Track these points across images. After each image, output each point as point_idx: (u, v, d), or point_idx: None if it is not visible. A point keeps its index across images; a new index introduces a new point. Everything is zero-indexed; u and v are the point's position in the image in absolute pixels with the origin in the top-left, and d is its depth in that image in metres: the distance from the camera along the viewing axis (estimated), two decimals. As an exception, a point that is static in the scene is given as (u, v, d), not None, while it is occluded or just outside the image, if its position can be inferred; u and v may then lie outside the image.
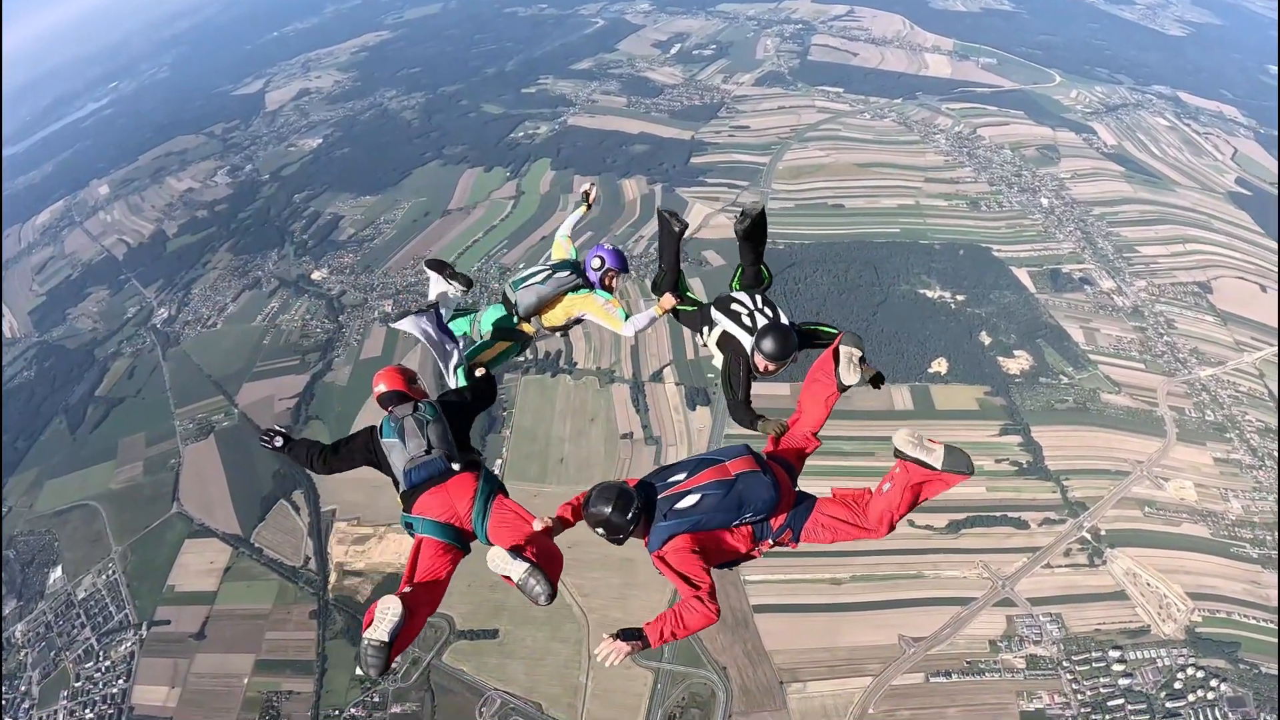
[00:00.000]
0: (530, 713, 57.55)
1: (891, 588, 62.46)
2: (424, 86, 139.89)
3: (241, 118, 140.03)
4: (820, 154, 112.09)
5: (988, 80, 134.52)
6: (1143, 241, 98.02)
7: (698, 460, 7.84)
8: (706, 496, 7.50)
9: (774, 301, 9.81)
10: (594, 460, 72.18)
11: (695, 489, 7.55)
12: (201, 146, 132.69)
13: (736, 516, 7.62)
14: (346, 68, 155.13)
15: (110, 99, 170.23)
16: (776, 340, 9.06)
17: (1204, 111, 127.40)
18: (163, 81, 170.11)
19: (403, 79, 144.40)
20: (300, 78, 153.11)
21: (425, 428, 8.45)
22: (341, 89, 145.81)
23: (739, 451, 7.95)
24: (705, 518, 7.52)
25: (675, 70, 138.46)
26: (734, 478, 7.58)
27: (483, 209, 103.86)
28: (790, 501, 7.99)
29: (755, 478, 7.63)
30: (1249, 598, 62.86)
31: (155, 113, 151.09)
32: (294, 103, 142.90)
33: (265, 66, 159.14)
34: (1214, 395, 78.73)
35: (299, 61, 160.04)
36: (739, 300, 9.87)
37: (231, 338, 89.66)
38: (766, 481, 7.65)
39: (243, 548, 68.91)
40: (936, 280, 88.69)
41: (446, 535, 8.22)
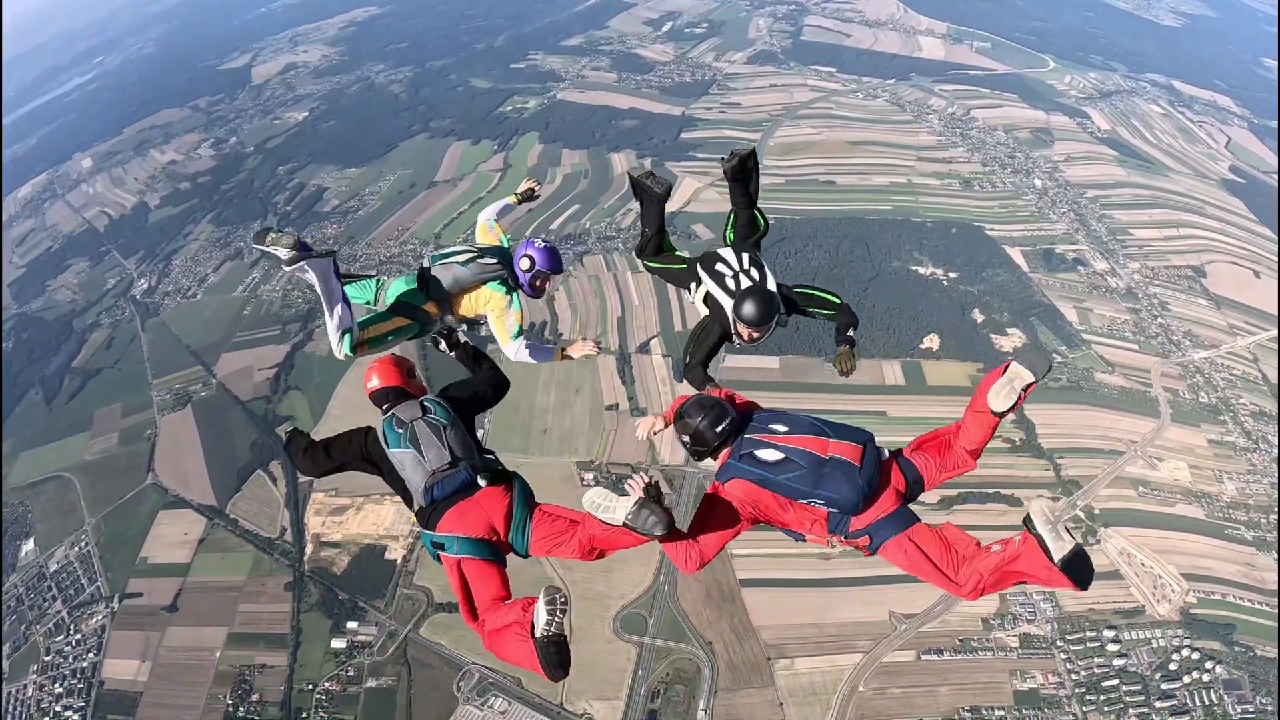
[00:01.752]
0: (509, 686, 56.45)
1: (882, 563, 59.20)
2: (412, 61, 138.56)
3: (227, 91, 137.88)
4: (812, 131, 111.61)
5: (981, 64, 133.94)
6: (1136, 225, 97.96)
7: (809, 422, 7.18)
8: (788, 461, 6.85)
9: (763, 262, 9.11)
10: (578, 431, 71.17)
11: (783, 448, 6.90)
12: (186, 120, 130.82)
13: (807, 495, 6.82)
14: (334, 42, 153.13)
15: (95, 73, 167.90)
16: (757, 305, 8.48)
17: (1198, 100, 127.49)
18: (148, 56, 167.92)
19: (390, 54, 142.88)
20: (287, 52, 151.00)
21: (443, 434, 7.37)
22: (329, 63, 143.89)
23: (858, 436, 7.07)
24: (773, 479, 6.84)
25: (666, 48, 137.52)
26: (826, 459, 6.82)
27: (469, 181, 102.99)
28: (883, 509, 6.97)
29: (847, 469, 6.77)
30: (1244, 580, 62.47)
31: (140, 87, 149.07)
32: (280, 76, 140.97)
33: (252, 41, 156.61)
34: (1208, 378, 78.65)
35: (286, 36, 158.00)
36: (725, 260, 9.16)
37: (211, 308, 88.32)
38: (856, 480, 6.75)
39: (218, 519, 67.51)
40: (928, 257, 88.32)
41: (489, 554, 7.23)
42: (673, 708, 55.53)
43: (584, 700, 55.89)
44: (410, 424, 7.32)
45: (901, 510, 7.02)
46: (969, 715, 55.01)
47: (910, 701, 55.49)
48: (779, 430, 7.03)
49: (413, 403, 7.60)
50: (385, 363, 8.13)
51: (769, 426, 7.10)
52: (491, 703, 55.93)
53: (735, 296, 8.68)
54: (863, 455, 6.84)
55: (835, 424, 7.16)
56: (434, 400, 7.66)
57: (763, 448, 6.91)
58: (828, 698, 55.32)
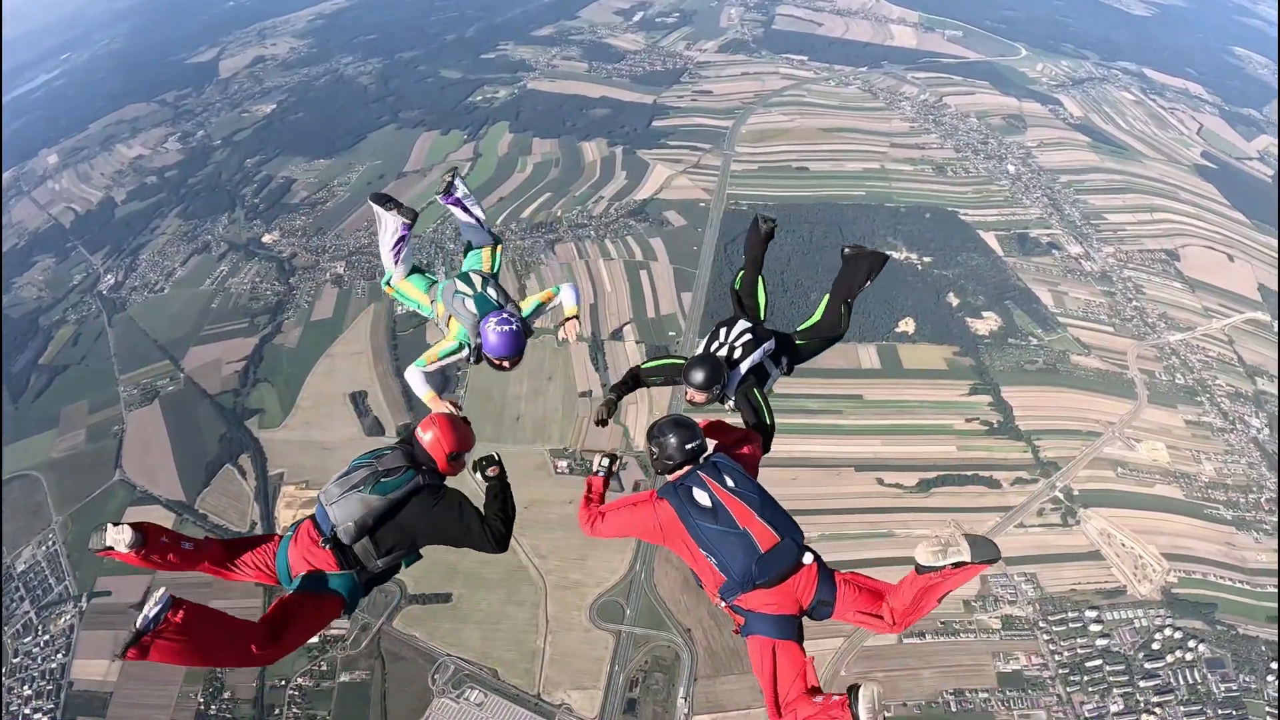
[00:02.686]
0: (485, 679, 55.84)
1: (861, 547, 60.90)
2: (381, 53, 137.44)
3: (194, 85, 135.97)
4: (784, 119, 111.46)
5: (953, 52, 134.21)
6: (1110, 209, 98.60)
7: (757, 493, 7.14)
8: (712, 512, 6.98)
9: (761, 339, 9.46)
10: (551, 418, 70.69)
11: (716, 500, 7.01)
12: (153, 114, 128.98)
13: (709, 551, 6.92)
14: (303, 34, 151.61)
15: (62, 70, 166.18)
16: (700, 371, 8.96)
17: (1169, 88, 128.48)
18: (116, 52, 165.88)
19: (359, 45, 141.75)
20: (255, 45, 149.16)
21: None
22: (297, 56, 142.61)
23: (784, 529, 6.95)
24: (691, 521, 6.99)
25: (637, 37, 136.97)
26: (741, 530, 6.83)
27: (439, 171, 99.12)
28: (774, 605, 6.86)
29: (749, 548, 6.77)
30: (1224, 559, 62.68)
31: (107, 82, 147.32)
32: (248, 70, 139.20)
33: (220, 35, 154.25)
34: (1184, 360, 79.07)
35: (254, 30, 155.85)
36: (724, 328, 9.66)
37: (179, 302, 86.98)
38: (751, 562, 6.75)
39: (187, 514, 66.28)
40: (903, 242, 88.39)
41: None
42: (652, 696, 54.95)
43: (561, 690, 55.26)
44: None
45: (789, 620, 6.86)
46: (952, 698, 54.76)
47: (893, 685, 54.91)
48: (726, 484, 7.10)
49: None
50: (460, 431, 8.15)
51: (721, 475, 7.18)
52: (467, 694, 55.17)
53: (689, 360, 9.16)
54: (775, 546, 6.76)
55: (779, 511, 7.05)
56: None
57: (701, 489, 7.05)
58: (810, 682, 54.51)
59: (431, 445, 7.67)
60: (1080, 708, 54.61)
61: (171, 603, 6.11)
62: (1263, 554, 63.52)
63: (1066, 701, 54.86)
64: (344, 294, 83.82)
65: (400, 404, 71.06)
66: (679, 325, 78.00)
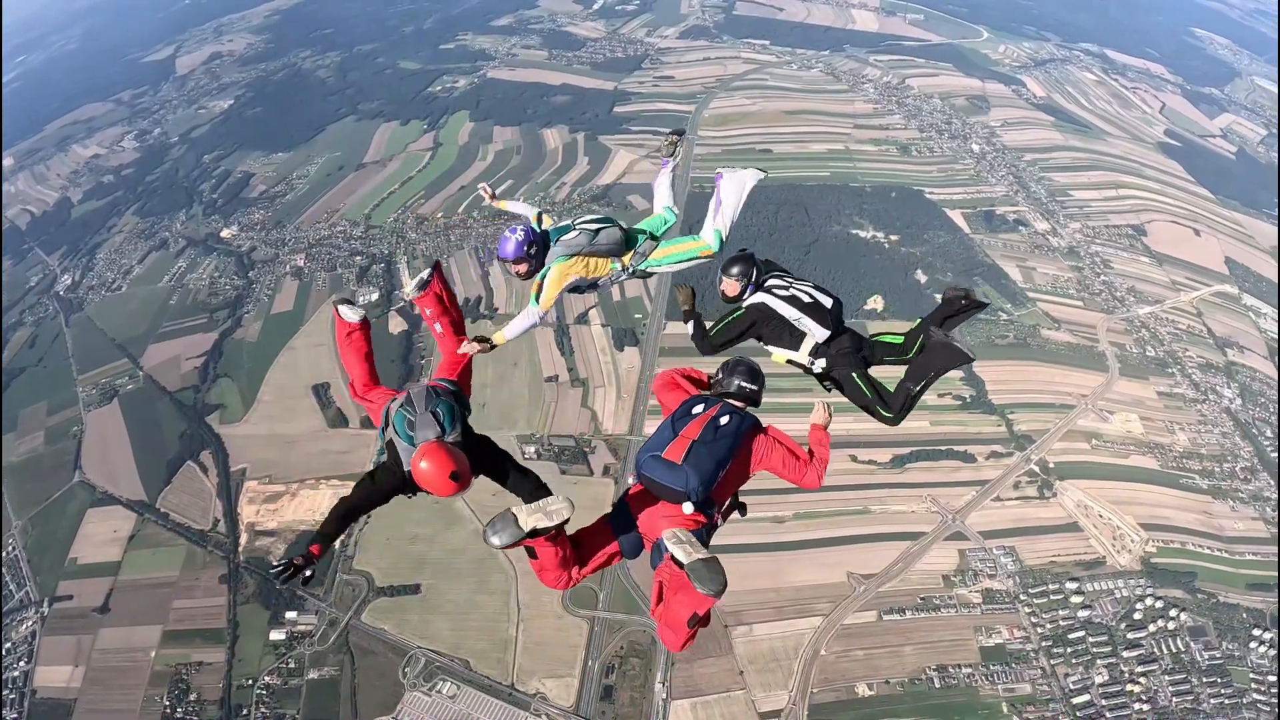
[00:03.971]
0: (457, 670, 54.98)
1: (837, 524, 60.87)
2: (339, 46, 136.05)
3: (151, 83, 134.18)
4: (747, 102, 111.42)
5: (915, 34, 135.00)
6: (1075, 186, 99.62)
7: (708, 448, 7.48)
8: (687, 421, 7.73)
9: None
10: (517, 404, 69.65)
11: (692, 415, 7.77)
12: (109, 114, 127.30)
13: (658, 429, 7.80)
14: (260, 30, 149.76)
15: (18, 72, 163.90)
16: (736, 264, 9.58)
17: (1131, 68, 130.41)
18: (71, 53, 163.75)
19: (317, 39, 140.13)
20: (212, 42, 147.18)
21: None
22: (254, 51, 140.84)
23: (673, 479, 7.37)
24: (672, 416, 7.87)
25: (598, 24, 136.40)
26: (672, 439, 7.53)
27: (399, 161, 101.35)
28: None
29: (651, 462, 7.46)
30: (1201, 528, 63.07)
31: (63, 83, 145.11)
32: (205, 66, 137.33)
33: (177, 33, 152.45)
34: (1154, 332, 79.82)
35: (211, 26, 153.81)
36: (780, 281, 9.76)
37: (137, 300, 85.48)
38: (644, 463, 7.53)
39: (148, 514, 64.88)
40: (869, 221, 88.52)
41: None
42: (629, 681, 54.26)
43: (536, 679, 54.51)
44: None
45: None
46: (935, 674, 54.51)
47: (874, 663, 54.89)
48: (718, 422, 7.64)
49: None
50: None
51: (720, 418, 7.69)
52: (439, 687, 54.26)
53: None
54: (669, 463, 7.29)
55: (710, 463, 7.34)
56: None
57: (703, 407, 7.84)
58: (789, 663, 54.52)
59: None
60: (1064, 679, 54.52)
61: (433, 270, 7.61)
62: (1239, 522, 64.12)
63: (1050, 674, 54.78)
64: (304, 286, 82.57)
65: (364, 396, 69.74)
66: (645, 308, 77.23)
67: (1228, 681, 54.87)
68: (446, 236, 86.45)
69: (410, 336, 74.53)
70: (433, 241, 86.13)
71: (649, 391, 69.35)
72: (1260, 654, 56.17)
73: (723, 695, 53.35)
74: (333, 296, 14.00)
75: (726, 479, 7.59)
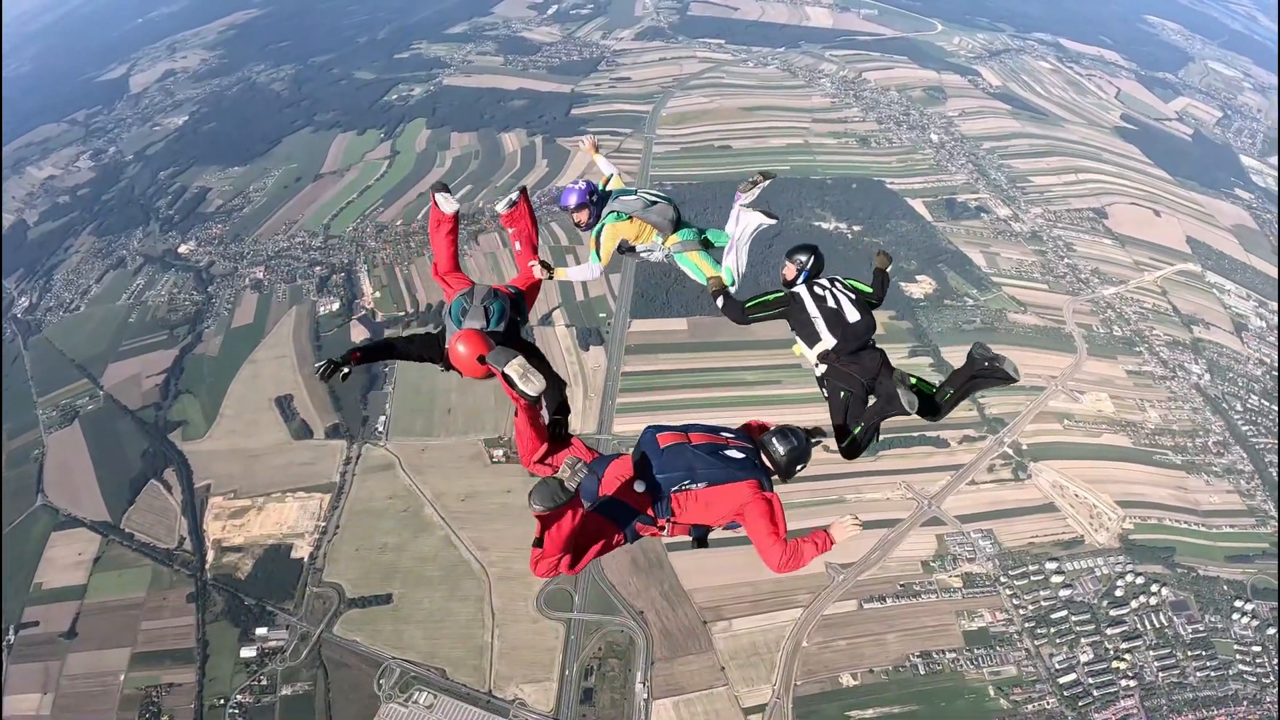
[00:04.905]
0: (433, 679, 54.00)
1: (810, 514, 58.10)
2: (293, 58, 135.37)
3: (105, 103, 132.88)
4: (704, 100, 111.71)
5: (870, 29, 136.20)
6: (1035, 172, 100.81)
7: (699, 454, 7.71)
8: (697, 429, 8.07)
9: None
10: (484, 409, 68.64)
11: (695, 428, 8.06)
12: (64, 134, 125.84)
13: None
14: (213, 46, 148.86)
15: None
16: (804, 253, 9.99)
17: (1085, 56, 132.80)
18: (24, 75, 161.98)
19: (271, 53, 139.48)
20: (165, 59, 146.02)
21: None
22: (208, 67, 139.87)
23: (643, 458, 7.79)
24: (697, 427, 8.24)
25: (553, 29, 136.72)
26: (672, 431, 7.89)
27: (356, 171, 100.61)
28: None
29: (650, 444, 7.81)
30: (1177, 503, 63.43)
31: (16, 105, 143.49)
32: (159, 84, 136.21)
33: (130, 51, 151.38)
34: (1119, 312, 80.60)
35: (164, 44, 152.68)
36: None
37: (95, 319, 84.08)
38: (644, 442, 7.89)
39: (113, 535, 63.67)
40: (831, 213, 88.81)
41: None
42: (609, 683, 53.52)
43: (513, 685, 53.61)
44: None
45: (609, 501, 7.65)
46: (920, 660, 54.24)
47: (857, 653, 54.53)
48: (723, 437, 8.07)
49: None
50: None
51: (720, 446, 7.87)
52: (416, 697, 53.35)
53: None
54: (661, 447, 7.62)
55: (677, 469, 7.50)
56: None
57: (720, 439, 8.01)
58: (771, 656, 54.10)
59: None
60: (1050, 660, 54.45)
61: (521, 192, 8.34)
62: (1214, 495, 64.53)
63: (1035, 655, 54.68)
64: (264, 298, 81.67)
65: (327, 405, 69.29)
66: (609, 307, 76.80)
67: (1212, 654, 55.01)
68: (407, 243, 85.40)
69: (372, 345, 73.25)
70: (394, 248, 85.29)
71: (616, 390, 69.82)
72: (1243, 625, 56.32)
73: (705, 692, 52.76)
74: (432, 185, 13.87)
75: (695, 499, 7.53)
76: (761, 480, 7.59)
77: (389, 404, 69.29)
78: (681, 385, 70.19)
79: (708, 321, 73.95)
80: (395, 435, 66.79)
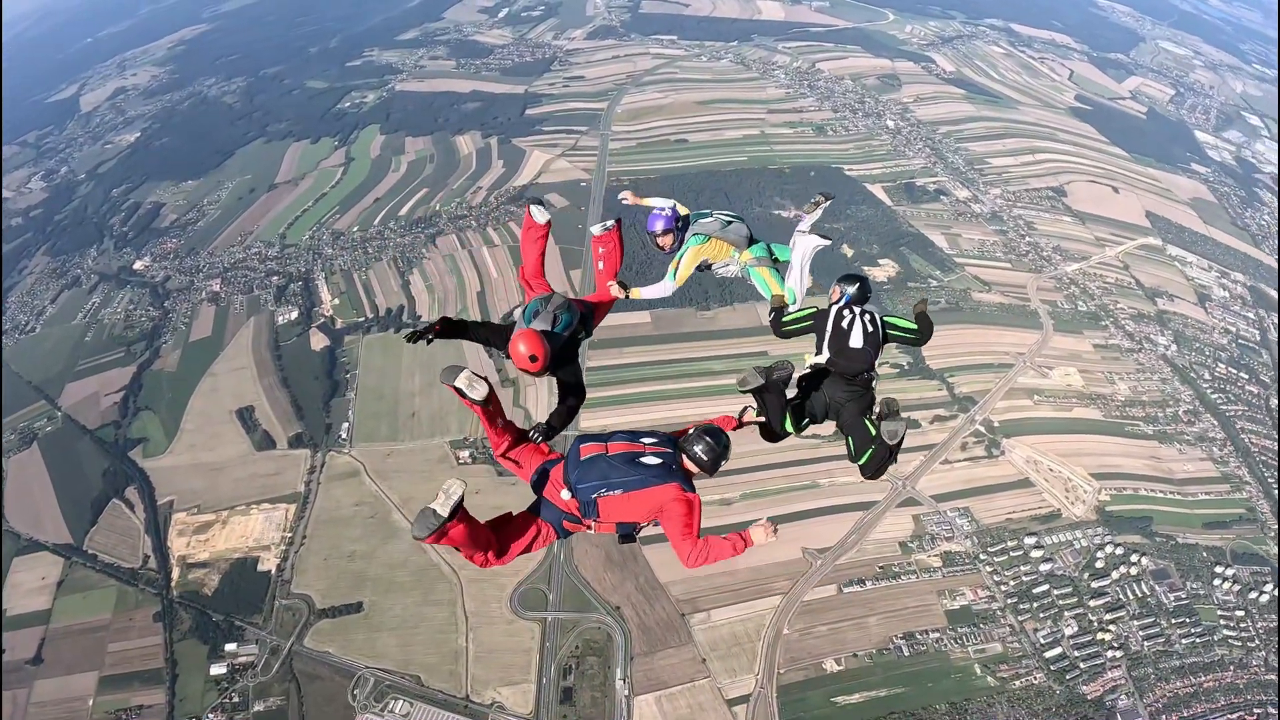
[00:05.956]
0: (408, 686, 53.09)
1: (786, 501, 59.92)
2: (245, 71, 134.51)
3: (55, 123, 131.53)
4: (659, 96, 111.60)
5: (822, 20, 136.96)
6: (992, 154, 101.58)
7: (616, 461, 8.24)
8: (618, 438, 8.52)
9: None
10: (448, 410, 67.96)
11: (620, 436, 8.59)
12: (14, 156, 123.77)
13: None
14: (163, 62, 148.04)
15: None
16: (854, 284, 10.59)
17: (1037, 40, 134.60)
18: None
19: (222, 66, 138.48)
20: (116, 77, 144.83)
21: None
22: (159, 83, 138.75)
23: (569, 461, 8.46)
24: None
25: (504, 31, 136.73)
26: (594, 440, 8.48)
27: (311, 179, 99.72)
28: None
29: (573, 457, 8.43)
30: (1152, 473, 63.64)
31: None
32: (110, 102, 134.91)
33: (80, 71, 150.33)
34: (1083, 287, 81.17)
35: (114, 62, 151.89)
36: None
37: (51, 340, 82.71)
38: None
39: (76, 557, 62.33)
40: (790, 201, 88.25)
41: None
42: (588, 681, 52.79)
43: (490, 689, 52.81)
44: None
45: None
46: (904, 642, 53.99)
47: (840, 637, 54.16)
48: (641, 442, 8.49)
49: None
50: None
51: (642, 444, 8.49)
52: (392, 706, 52.37)
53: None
54: (581, 458, 8.16)
55: (598, 474, 8.05)
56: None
57: (637, 443, 8.42)
58: (752, 645, 53.62)
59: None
60: (1034, 635, 54.38)
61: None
62: (1188, 463, 64.91)
63: (1020, 631, 54.57)
64: (222, 311, 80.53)
65: (289, 414, 68.30)
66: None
67: (1196, 621, 55.23)
68: (364, 249, 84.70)
69: (333, 353, 73.12)
70: (351, 255, 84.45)
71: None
72: (1225, 590, 56.55)
73: (687, 685, 52.25)
74: (528, 198, 14.37)
75: (614, 503, 8.02)
76: (681, 484, 7.97)
77: (351, 410, 68.59)
78: (647, 378, 69.89)
79: (670, 314, 74.00)
80: (359, 441, 65.95)
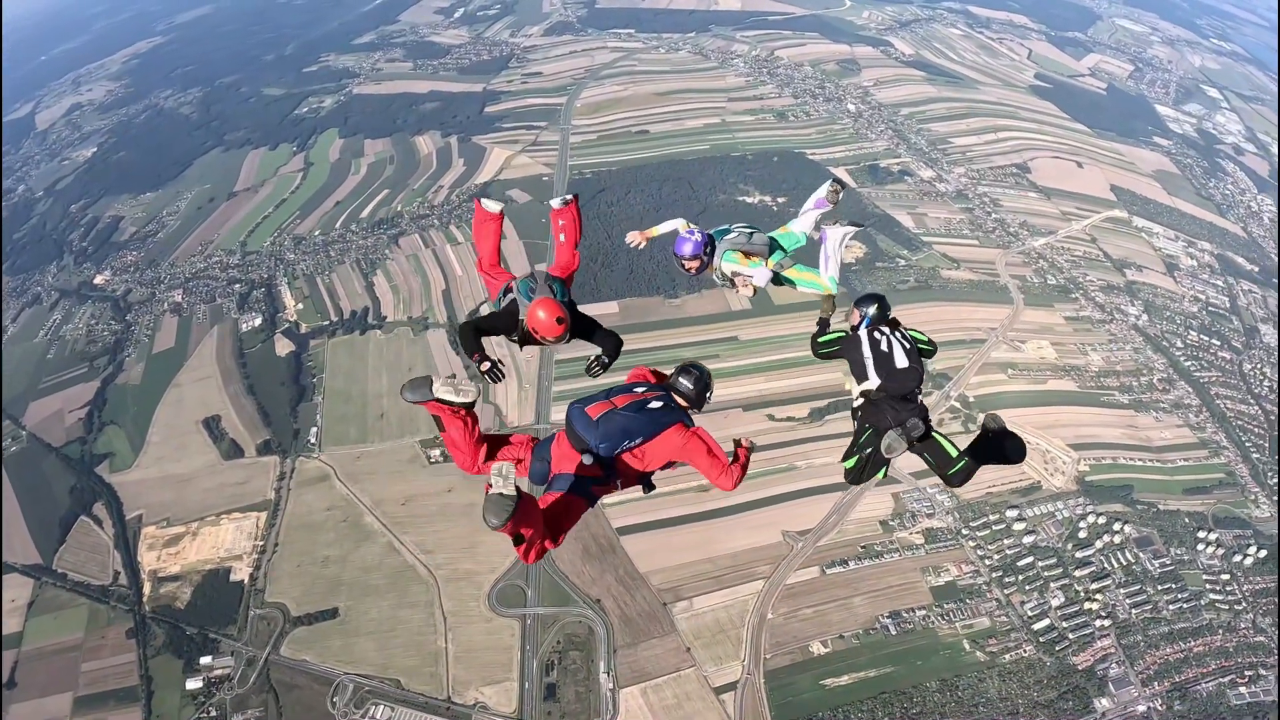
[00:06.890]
0: (389, 691, 52.22)
1: (763, 485, 59.37)
2: (200, 81, 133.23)
3: (11, 142, 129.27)
4: (618, 88, 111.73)
5: (779, 9, 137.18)
6: (955, 134, 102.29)
7: (623, 417, 8.19)
8: (618, 392, 8.61)
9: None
10: (418, 410, 65.90)
11: (620, 389, 8.74)
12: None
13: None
14: (118, 76, 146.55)
15: None
16: (872, 304, 10.54)
17: (994, 20, 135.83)
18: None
19: (177, 78, 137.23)
20: (70, 94, 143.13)
21: None
22: (114, 98, 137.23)
23: (584, 429, 8.18)
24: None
25: (460, 31, 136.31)
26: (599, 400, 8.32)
27: (270, 186, 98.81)
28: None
29: (578, 415, 8.22)
30: (1129, 441, 63.96)
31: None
32: (65, 118, 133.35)
33: (34, 90, 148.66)
34: (1051, 261, 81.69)
35: (69, 79, 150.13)
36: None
37: (13, 359, 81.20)
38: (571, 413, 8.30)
39: (45, 577, 61.09)
40: (754, 187, 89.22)
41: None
42: (571, 676, 52.12)
43: (472, 689, 52.07)
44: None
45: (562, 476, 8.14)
46: (890, 621, 53.69)
47: (825, 620, 53.74)
48: (635, 392, 8.56)
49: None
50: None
51: (634, 394, 8.55)
52: (373, 712, 51.60)
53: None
54: (589, 418, 8.03)
55: (617, 431, 7.94)
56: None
57: (630, 392, 8.60)
58: (736, 632, 53.18)
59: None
60: (1021, 607, 54.31)
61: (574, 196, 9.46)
62: (1165, 431, 65.22)
63: (1006, 604, 54.49)
64: (185, 321, 79.70)
65: (256, 422, 67.55)
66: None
67: (1182, 586, 55.27)
68: (326, 253, 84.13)
69: (299, 357, 72.38)
70: (313, 259, 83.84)
71: (552, 377, 68.59)
72: (1209, 555, 56.70)
73: (673, 675, 51.71)
74: (474, 194, 17.06)
75: (636, 455, 8.07)
76: (684, 419, 8.22)
77: (319, 414, 67.95)
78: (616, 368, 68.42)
79: (638, 303, 73.92)
80: (328, 445, 65.21)
